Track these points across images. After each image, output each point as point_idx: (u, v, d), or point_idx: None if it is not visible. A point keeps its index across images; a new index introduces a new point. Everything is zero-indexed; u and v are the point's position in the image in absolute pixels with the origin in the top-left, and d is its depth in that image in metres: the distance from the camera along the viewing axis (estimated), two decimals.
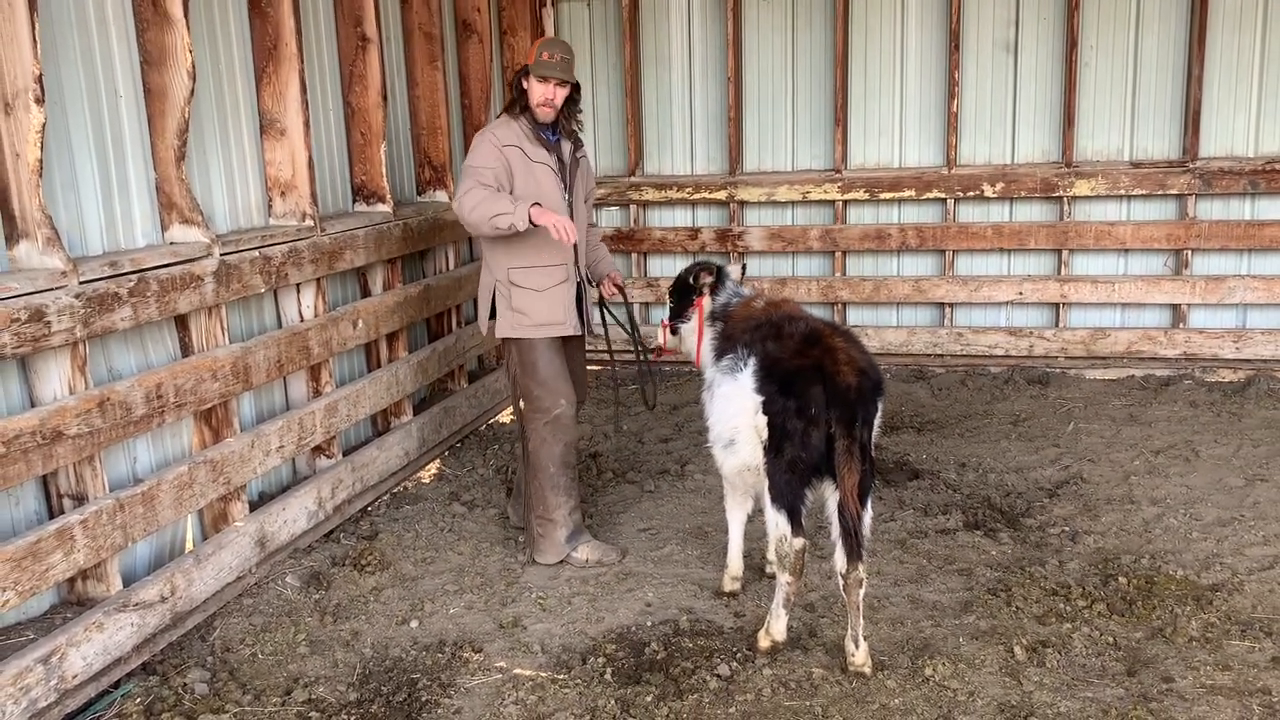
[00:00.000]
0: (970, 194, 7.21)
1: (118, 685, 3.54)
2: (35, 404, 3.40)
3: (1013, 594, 3.98)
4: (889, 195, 7.32)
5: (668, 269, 7.78)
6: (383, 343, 5.49)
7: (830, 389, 3.34)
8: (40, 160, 3.27)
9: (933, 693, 3.38)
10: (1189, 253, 6.97)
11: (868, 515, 3.46)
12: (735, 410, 3.59)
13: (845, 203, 7.43)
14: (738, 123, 7.53)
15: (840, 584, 3.46)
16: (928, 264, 7.49)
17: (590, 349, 4.84)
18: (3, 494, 3.34)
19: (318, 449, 4.87)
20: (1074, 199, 7.10)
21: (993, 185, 7.16)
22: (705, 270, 4.30)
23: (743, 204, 7.61)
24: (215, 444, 4.15)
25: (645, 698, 3.38)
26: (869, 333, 7.32)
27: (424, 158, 6.28)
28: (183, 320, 4.04)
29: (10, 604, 3.11)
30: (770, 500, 3.51)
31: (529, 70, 4.24)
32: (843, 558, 3.40)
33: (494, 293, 4.41)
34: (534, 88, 4.25)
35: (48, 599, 3.55)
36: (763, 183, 7.50)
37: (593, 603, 4.12)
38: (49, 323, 3.27)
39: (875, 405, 3.46)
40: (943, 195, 7.24)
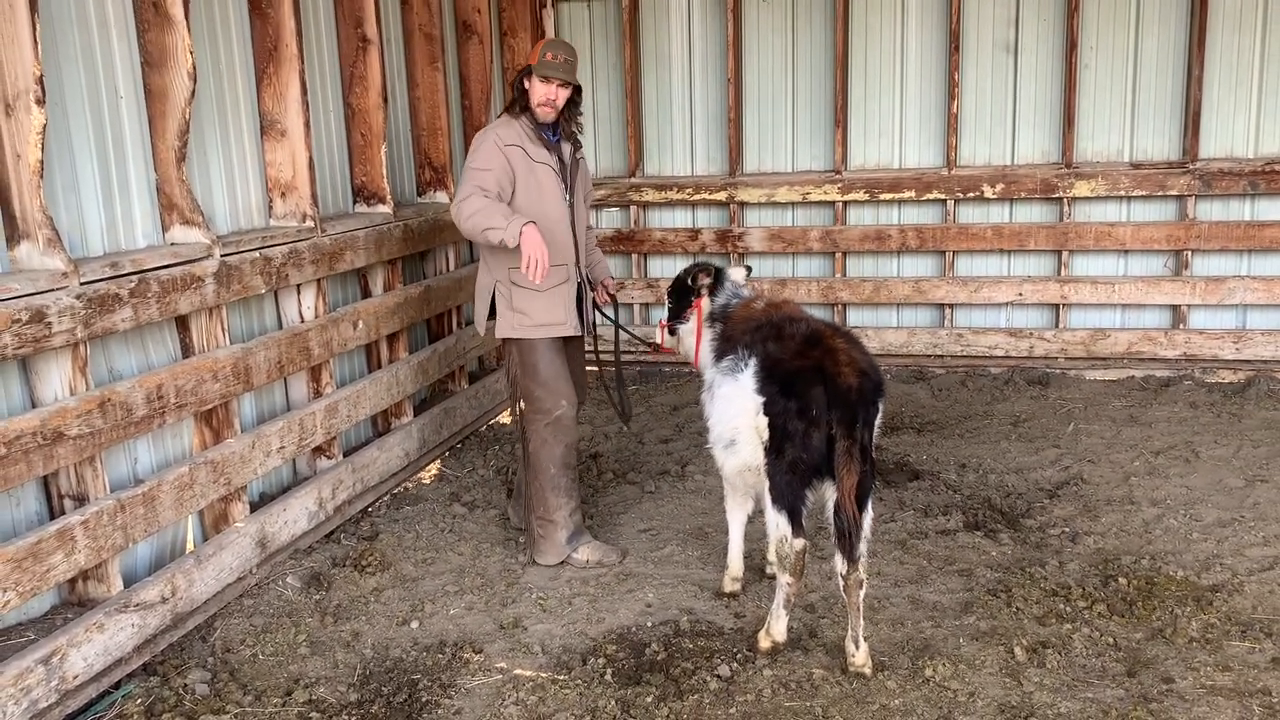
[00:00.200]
0: (970, 195, 7.21)
1: (118, 686, 3.54)
2: (36, 405, 3.40)
3: (1013, 595, 3.98)
4: (889, 196, 7.32)
5: (668, 270, 7.76)
6: (383, 343, 5.50)
7: (831, 390, 3.34)
8: (41, 161, 3.27)
9: (933, 693, 3.38)
10: (1189, 254, 6.97)
11: (868, 516, 3.46)
12: (736, 411, 3.59)
13: (845, 204, 7.43)
14: (738, 123, 7.53)
15: (840, 585, 3.46)
16: (928, 265, 7.50)
17: (595, 350, 4.85)
18: (3, 495, 3.34)
19: (318, 450, 4.87)
20: (1074, 200, 7.10)
21: (993, 186, 7.16)
22: (703, 271, 4.30)
23: (743, 205, 7.61)
24: (216, 445, 4.15)
25: (645, 698, 3.39)
26: (869, 334, 7.31)
27: (424, 159, 6.28)
28: (183, 321, 4.04)
29: (11, 605, 3.11)
30: (771, 501, 3.51)
31: (532, 70, 4.25)
32: (843, 559, 3.40)
33: (493, 293, 4.41)
34: (536, 87, 4.25)
35: (48, 600, 3.55)
36: (763, 184, 7.50)
37: (593, 603, 4.12)
38: (50, 324, 3.27)
39: (876, 406, 3.46)
40: (943, 196, 7.24)
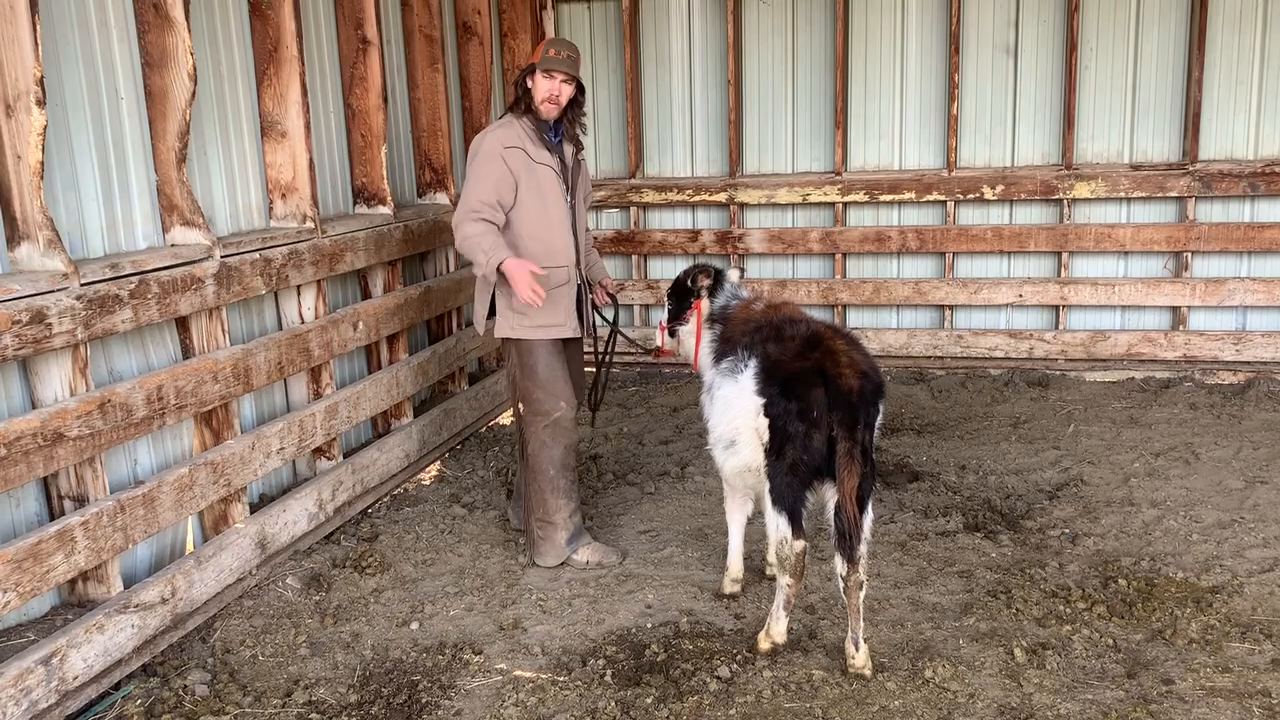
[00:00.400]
0: (970, 196, 7.21)
1: (118, 687, 3.54)
2: (36, 406, 3.41)
3: (1013, 596, 3.98)
4: (889, 197, 7.32)
5: (668, 271, 7.77)
6: (383, 345, 5.50)
7: (832, 392, 3.34)
8: (41, 162, 3.28)
9: (933, 695, 3.38)
10: (1189, 255, 6.97)
11: (868, 518, 3.46)
12: (736, 412, 3.59)
13: (845, 205, 7.43)
14: (738, 125, 7.54)
15: (840, 586, 3.46)
16: (928, 266, 7.50)
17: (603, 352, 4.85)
18: (4, 495, 3.34)
19: (318, 451, 4.87)
20: (1074, 201, 7.10)
21: (993, 188, 7.16)
22: (703, 273, 4.30)
23: (743, 206, 7.61)
24: (216, 446, 4.16)
25: (645, 699, 3.38)
26: (869, 335, 7.32)
27: (424, 160, 6.28)
28: (183, 322, 4.05)
29: (11, 605, 3.11)
30: (771, 502, 3.51)
31: (534, 68, 4.25)
32: (843, 560, 3.40)
33: (493, 293, 4.42)
34: (539, 84, 4.25)
35: (48, 600, 3.56)
36: (763, 185, 7.51)
37: (593, 605, 4.12)
38: (50, 324, 3.27)
39: (876, 408, 3.46)
40: (943, 197, 7.24)
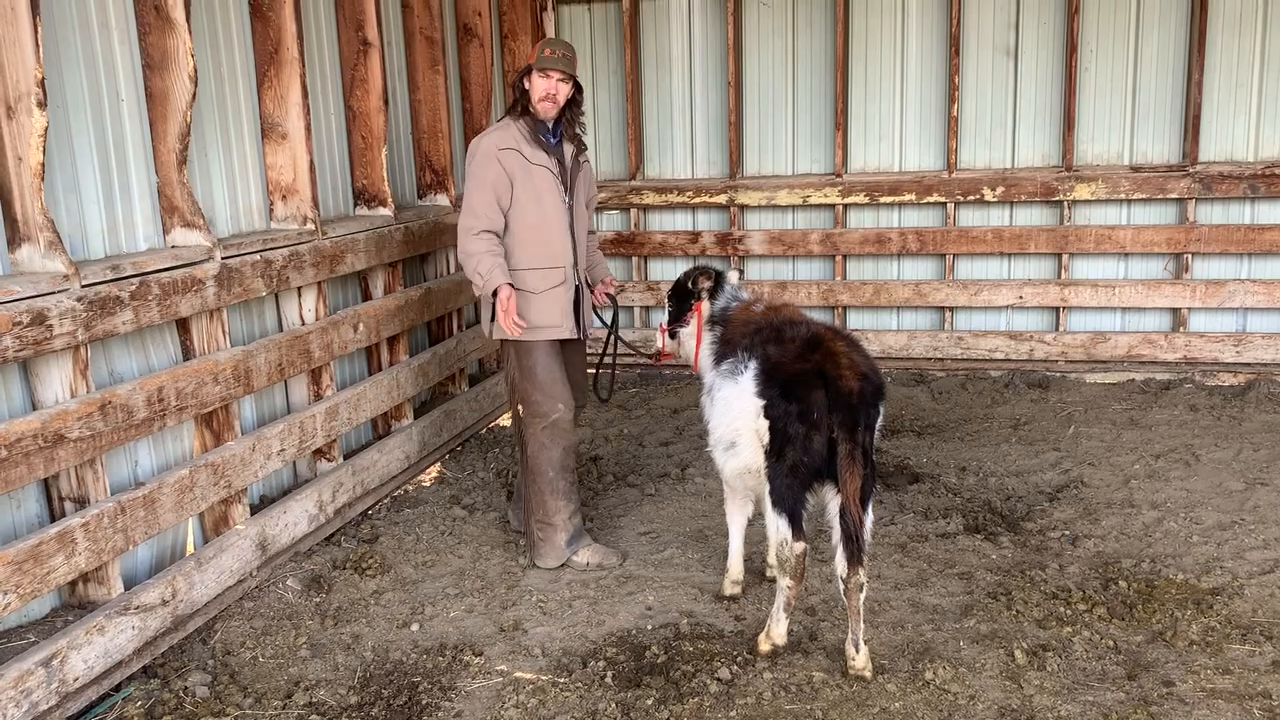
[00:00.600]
0: (970, 198, 7.21)
1: (119, 688, 3.54)
2: (37, 407, 3.41)
3: (1013, 598, 3.98)
4: (889, 199, 7.32)
5: (668, 272, 7.77)
6: (383, 346, 5.50)
7: (832, 393, 3.34)
8: (42, 164, 3.28)
9: (933, 696, 3.38)
10: (1189, 257, 6.97)
11: (868, 519, 3.46)
12: (736, 413, 3.59)
13: (845, 207, 7.43)
14: (738, 126, 7.54)
15: (841, 588, 3.46)
16: (928, 268, 7.50)
17: (593, 352, 4.85)
18: (4, 497, 3.34)
19: (319, 452, 4.87)
20: (1074, 203, 7.10)
21: (993, 189, 7.16)
22: (704, 275, 4.30)
23: (743, 208, 7.61)
24: (216, 447, 4.16)
25: (646, 701, 3.38)
26: (869, 336, 7.32)
27: (425, 161, 6.28)
28: (184, 323, 4.05)
29: (11, 607, 3.11)
30: (771, 504, 3.51)
31: (530, 68, 4.26)
32: (843, 562, 3.40)
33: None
34: (535, 83, 4.26)
35: (49, 602, 3.56)
36: (763, 187, 7.51)
37: (593, 606, 4.12)
38: (51, 326, 3.27)
39: (877, 410, 3.46)
40: (943, 199, 7.25)
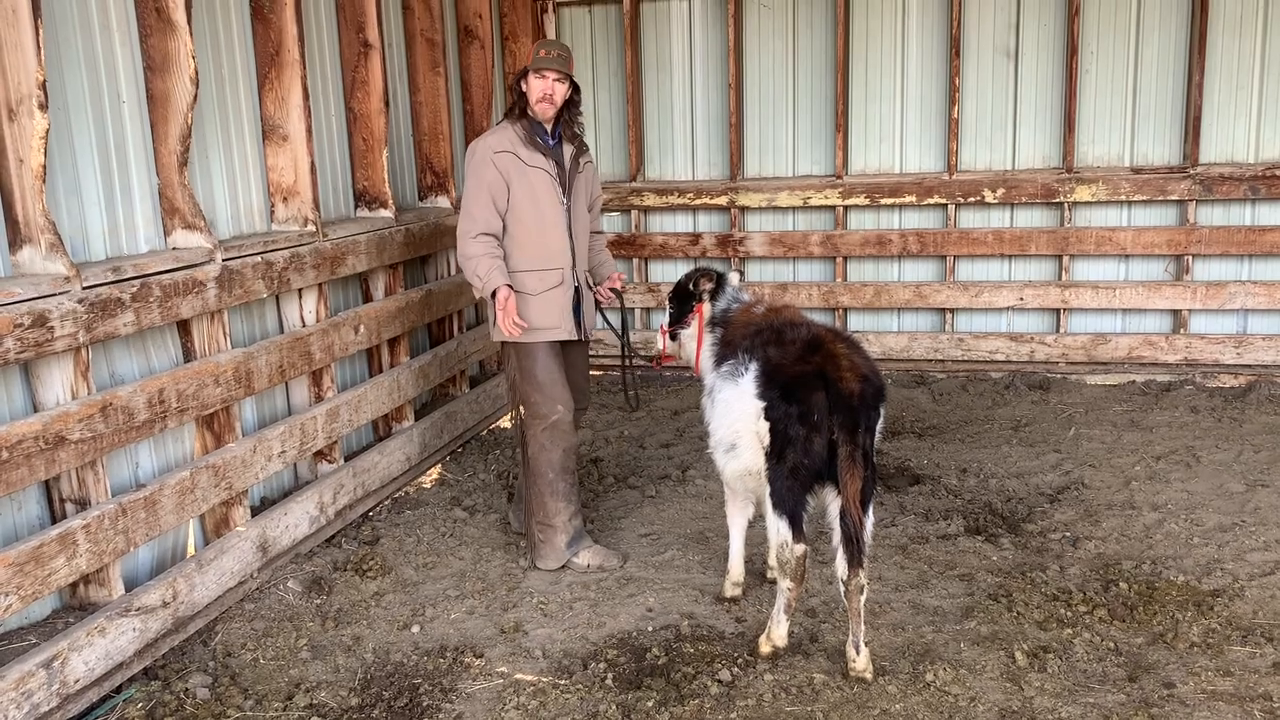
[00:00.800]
0: (971, 199, 7.22)
1: (119, 690, 3.54)
2: (38, 409, 3.41)
3: (1014, 599, 3.98)
4: (890, 201, 7.32)
5: (669, 274, 7.78)
6: (384, 348, 5.50)
7: (833, 395, 3.34)
8: (44, 166, 3.29)
9: (934, 698, 3.38)
10: (1190, 258, 6.97)
11: (869, 521, 3.46)
12: (737, 415, 3.59)
13: (846, 208, 7.44)
14: (738, 128, 7.54)
15: (841, 589, 3.46)
16: (929, 269, 7.50)
17: (597, 354, 4.83)
18: (5, 499, 3.34)
19: (319, 454, 4.87)
20: (1075, 205, 7.10)
21: (993, 191, 7.17)
22: (705, 276, 4.28)
23: (744, 209, 7.62)
24: (217, 449, 4.16)
25: (646, 703, 3.38)
26: (870, 338, 7.32)
27: (426, 163, 6.29)
28: (185, 325, 4.05)
29: (12, 609, 3.11)
30: (771, 506, 3.51)
31: (528, 70, 4.27)
32: (844, 563, 3.40)
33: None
34: (532, 84, 4.27)
35: (50, 604, 3.56)
36: (764, 188, 7.51)
37: (594, 608, 4.12)
38: (52, 328, 3.27)
39: (877, 411, 3.46)
40: (944, 201, 7.25)
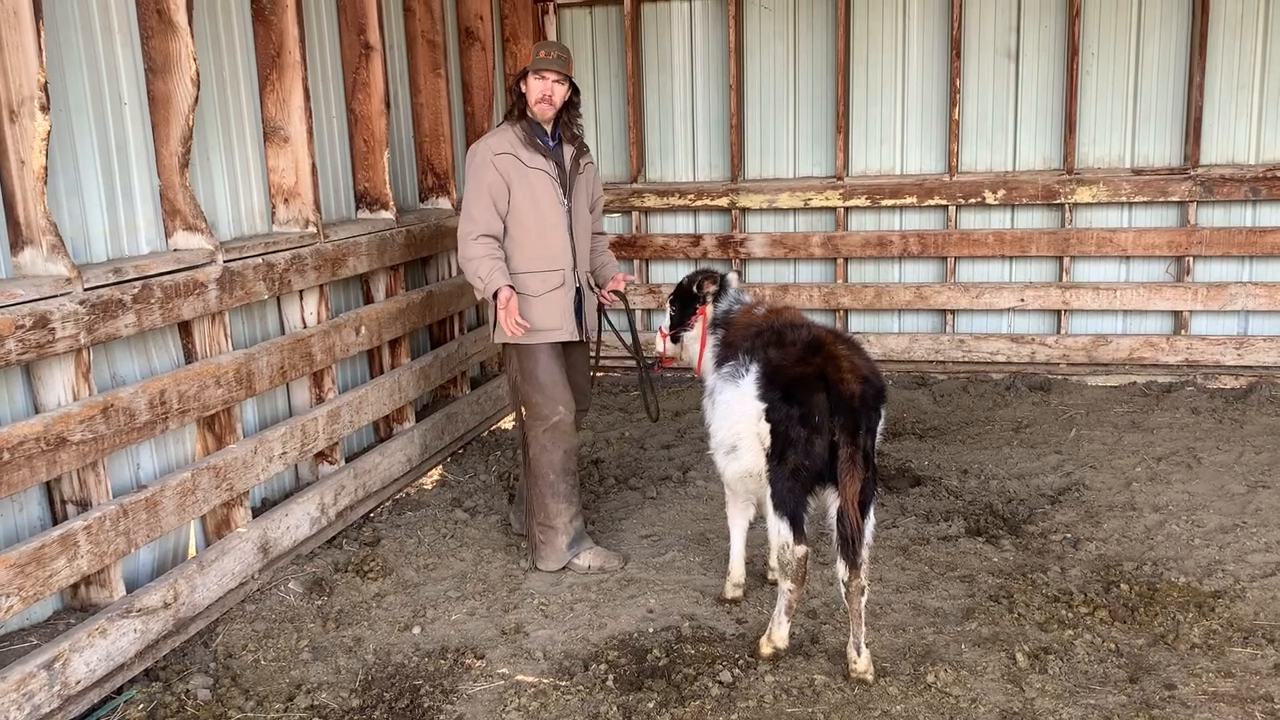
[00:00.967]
0: (972, 201, 7.22)
1: (120, 691, 3.54)
2: (39, 410, 3.41)
3: (1015, 601, 3.98)
4: (890, 202, 7.32)
5: (670, 275, 7.78)
6: (385, 349, 5.50)
7: (834, 397, 3.34)
8: (45, 167, 3.29)
9: (935, 699, 3.38)
10: (1190, 259, 6.97)
11: (870, 523, 3.45)
12: (738, 417, 3.59)
13: (847, 209, 7.44)
14: (739, 129, 7.55)
15: (842, 591, 3.46)
16: (929, 271, 7.50)
17: (604, 356, 4.82)
18: (6, 500, 3.35)
19: (320, 455, 4.88)
20: (1075, 206, 7.10)
21: (994, 192, 7.17)
22: (709, 278, 4.25)
23: (744, 211, 7.62)
24: (218, 450, 4.16)
25: (647, 704, 3.38)
26: (870, 339, 7.32)
27: (427, 165, 6.29)
28: (186, 327, 4.05)
29: (14, 610, 3.11)
30: (772, 507, 3.51)
31: (527, 72, 4.28)
32: (845, 565, 3.40)
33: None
34: (531, 85, 4.27)
35: (51, 605, 3.56)
36: (764, 189, 7.51)
37: (595, 609, 4.12)
38: (53, 329, 3.28)
39: (878, 413, 3.46)
40: (944, 202, 7.25)
